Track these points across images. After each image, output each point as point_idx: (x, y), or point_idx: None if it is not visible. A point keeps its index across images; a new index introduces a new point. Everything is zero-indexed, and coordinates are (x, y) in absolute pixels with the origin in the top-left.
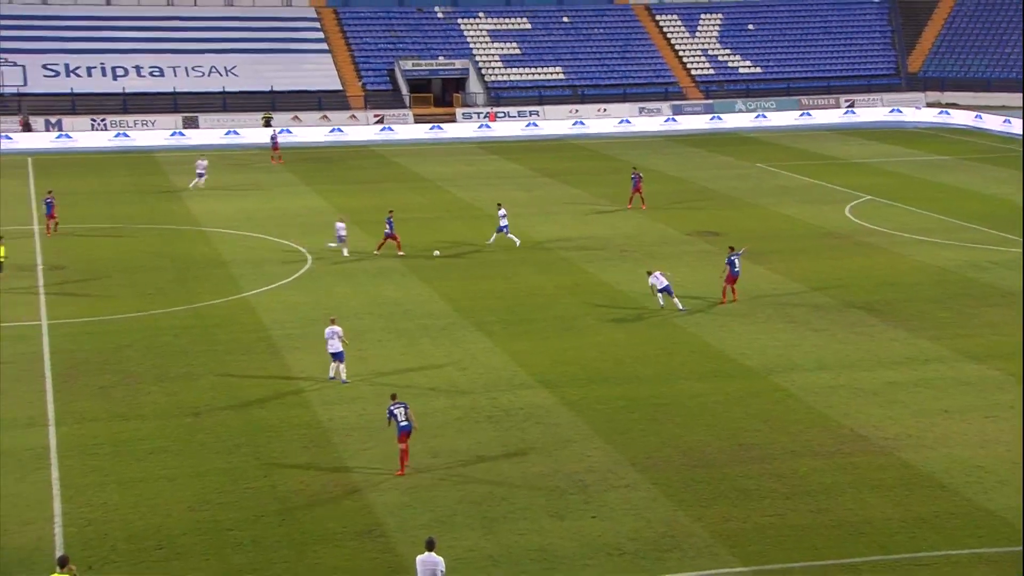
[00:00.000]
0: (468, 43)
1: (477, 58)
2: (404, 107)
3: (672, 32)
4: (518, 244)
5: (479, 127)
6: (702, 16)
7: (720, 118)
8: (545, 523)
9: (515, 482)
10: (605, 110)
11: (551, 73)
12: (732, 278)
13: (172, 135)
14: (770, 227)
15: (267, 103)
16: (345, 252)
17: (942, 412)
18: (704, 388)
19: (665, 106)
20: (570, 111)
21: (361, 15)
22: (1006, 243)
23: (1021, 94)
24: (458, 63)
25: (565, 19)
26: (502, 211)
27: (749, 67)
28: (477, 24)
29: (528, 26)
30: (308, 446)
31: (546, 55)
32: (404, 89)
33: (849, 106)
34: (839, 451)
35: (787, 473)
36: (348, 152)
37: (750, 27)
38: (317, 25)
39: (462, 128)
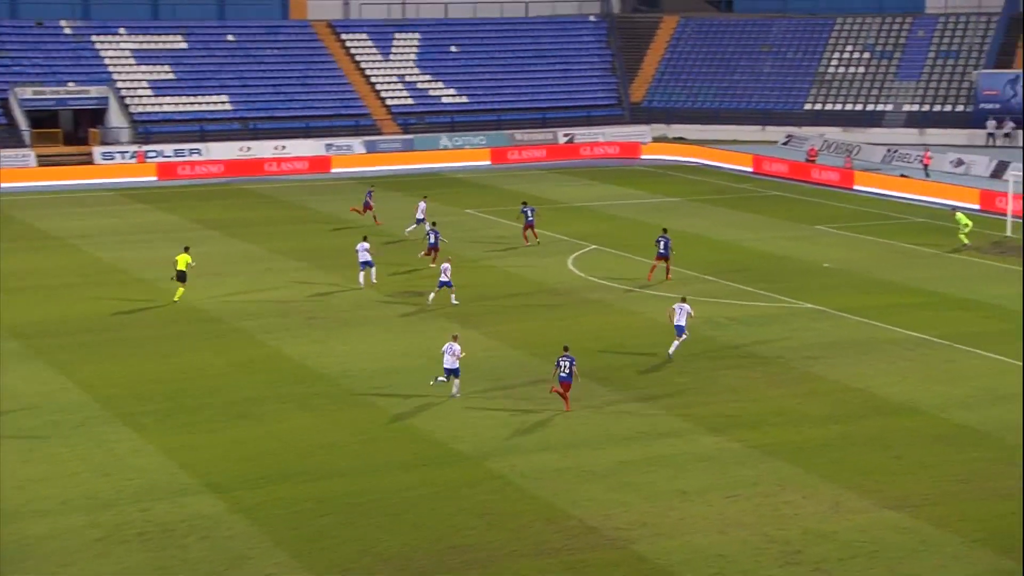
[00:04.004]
0: (106, 66)
1: (119, 84)
2: (24, 146)
3: (361, 54)
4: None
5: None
6: (396, 36)
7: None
8: None
9: None
10: (284, 147)
11: (215, 103)
12: (660, 257)
13: None
14: (484, 283)
15: None
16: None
17: (679, 494)
18: (410, 480)
19: (357, 142)
20: (240, 148)
21: None
22: (742, 295)
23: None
24: (94, 91)
25: (230, 37)
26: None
27: (453, 96)
28: (117, 42)
29: (183, 45)
30: None
31: (207, 81)
32: (23, 123)
33: (568, 140)
34: (566, 547)
35: None
36: None
37: (453, 49)
38: None
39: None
